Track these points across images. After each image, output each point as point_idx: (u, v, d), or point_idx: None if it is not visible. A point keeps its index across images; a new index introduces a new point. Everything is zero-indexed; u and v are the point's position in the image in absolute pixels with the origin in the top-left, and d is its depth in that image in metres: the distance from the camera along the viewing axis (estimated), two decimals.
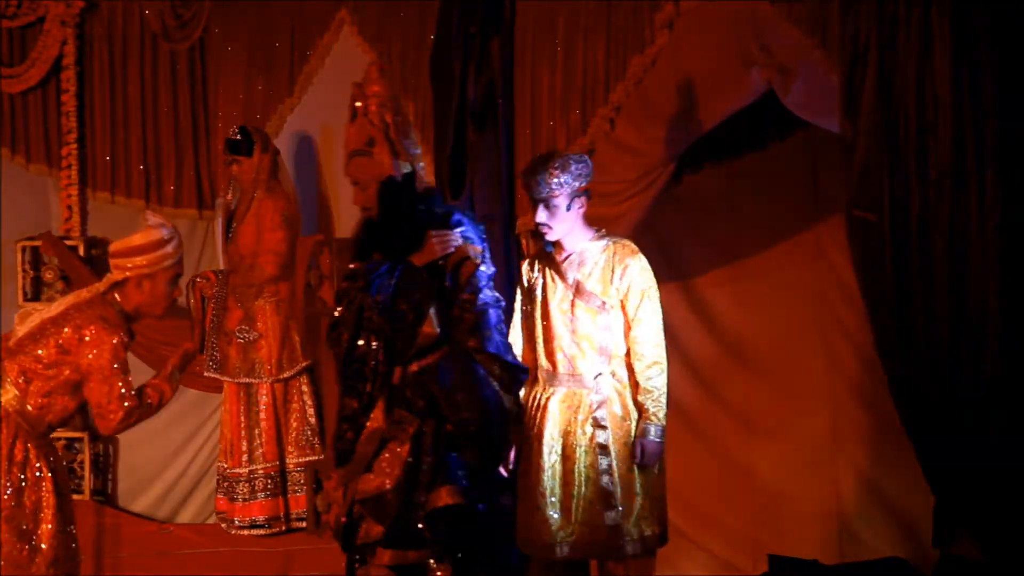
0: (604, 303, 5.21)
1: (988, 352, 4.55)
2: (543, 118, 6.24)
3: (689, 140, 5.87)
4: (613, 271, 5.22)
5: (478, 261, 5.16)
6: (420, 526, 5.07)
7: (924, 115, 4.65)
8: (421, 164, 5.24)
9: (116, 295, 5.10)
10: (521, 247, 6.41)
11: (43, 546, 4.96)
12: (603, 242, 5.28)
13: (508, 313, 5.53)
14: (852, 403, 6.38)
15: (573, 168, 5.16)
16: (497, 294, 5.27)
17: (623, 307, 5.24)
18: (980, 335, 4.55)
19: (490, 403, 5.11)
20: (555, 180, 5.14)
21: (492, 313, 5.21)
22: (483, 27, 6.74)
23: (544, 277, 5.35)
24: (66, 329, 4.98)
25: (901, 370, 4.75)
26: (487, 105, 6.75)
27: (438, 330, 5.02)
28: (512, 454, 5.34)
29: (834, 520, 6.38)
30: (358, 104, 5.23)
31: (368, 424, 5.14)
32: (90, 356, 4.94)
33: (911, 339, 4.70)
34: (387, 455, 5.14)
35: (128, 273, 5.07)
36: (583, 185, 5.19)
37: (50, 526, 4.99)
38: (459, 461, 5.12)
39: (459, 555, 5.11)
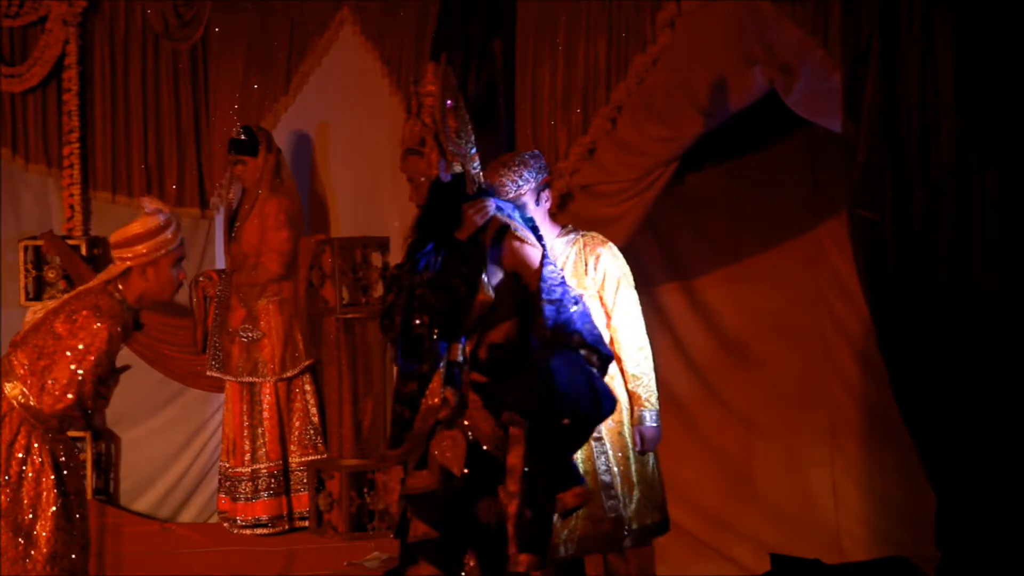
0: (580, 295, 5.22)
1: (991, 351, 4.54)
2: (544, 117, 6.24)
3: (690, 140, 5.87)
4: (586, 263, 5.27)
5: (518, 232, 5.16)
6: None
7: (926, 114, 4.64)
8: (475, 164, 5.22)
9: (119, 285, 5.10)
10: None
11: (41, 543, 4.96)
12: (571, 236, 5.34)
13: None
14: (850, 402, 6.39)
15: (532, 163, 5.25)
16: (575, 293, 5.25)
17: (600, 298, 5.27)
18: (983, 334, 4.55)
19: (604, 396, 5.12)
20: (521, 177, 5.21)
21: (581, 305, 5.13)
22: (485, 26, 6.74)
23: None
24: (61, 317, 4.99)
25: (903, 369, 4.75)
26: (487, 104, 6.76)
27: (492, 295, 5.03)
28: None
29: (833, 519, 6.39)
30: (412, 104, 5.25)
31: (424, 402, 5.14)
32: (75, 340, 4.95)
33: (913, 338, 4.70)
34: (436, 452, 5.14)
35: (130, 263, 5.07)
36: (544, 178, 5.27)
37: (50, 523, 4.98)
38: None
39: None
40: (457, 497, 5.05)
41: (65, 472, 5.05)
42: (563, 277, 5.17)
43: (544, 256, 5.15)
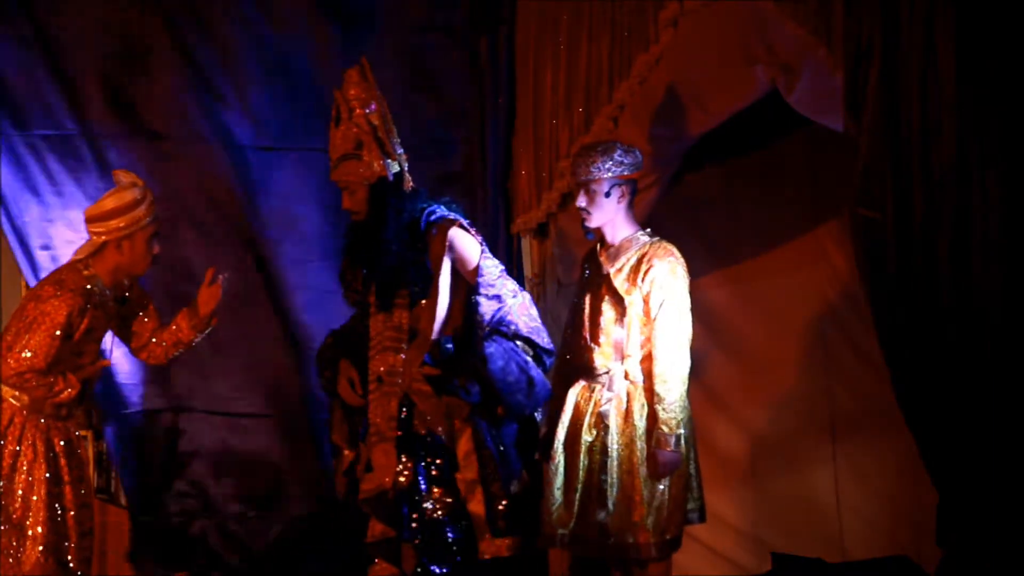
0: (623, 299, 5.21)
1: (992, 351, 4.55)
2: (545, 116, 6.25)
3: (692, 139, 5.89)
4: (640, 269, 5.20)
5: (460, 221, 5.30)
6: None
7: (927, 114, 4.64)
8: (407, 164, 5.30)
9: (89, 262, 5.11)
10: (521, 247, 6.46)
11: (35, 534, 4.96)
12: (642, 240, 5.27)
13: None
14: (851, 401, 6.40)
15: (617, 155, 5.19)
16: (514, 286, 5.37)
17: (646, 310, 5.21)
18: (983, 334, 4.56)
19: (538, 384, 5.20)
20: (595, 164, 5.17)
21: (519, 298, 5.32)
22: (471, 24, 6.76)
23: (587, 273, 5.38)
24: (31, 296, 5.04)
25: (904, 368, 4.76)
26: (472, 105, 6.79)
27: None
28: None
29: (835, 518, 6.40)
30: (341, 109, 5.29)
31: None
32: (35, 312, 4.98)
33: (914, 337, 4.71)
34: (381, 455, 5.22)
35: (105, 237, 5.08)
36: (626, 174, 5.21)
37: (42, 514, 4.98)
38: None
39: None
40: (414, 494, 5.23)
41: (62, 461, 5.05)
42: (502, 269, 5.30)
43: (482, 250, 5.25)
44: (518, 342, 5.30)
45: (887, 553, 6.06)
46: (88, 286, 5.04)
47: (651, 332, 5.16)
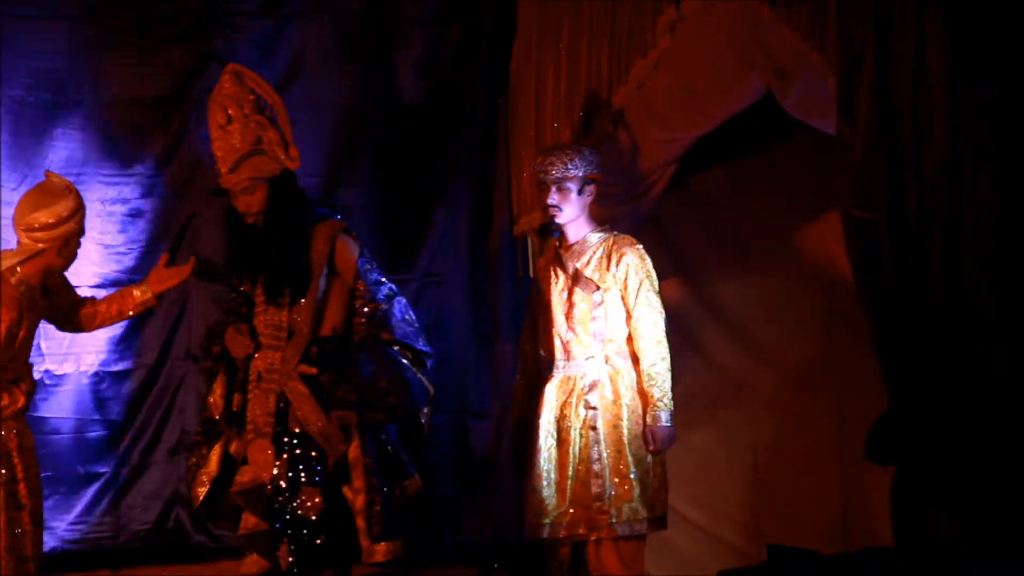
0: (599, 287, 5.36)
1: (983, 349, 4.60)
2: (547, 120, 6.30)
3: (690, 141, 5.95)
4: (610, 259, 5.40)
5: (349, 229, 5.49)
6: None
7: (919, 116, 4.68)
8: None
9: (16, 268, 5.11)
10: (527, 248, 6.50)
11: None
12: (604, 234, 5.48)
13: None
14: (857, 394, 6.39)
15: (587, 154, 5.44)
16: (391, 284, 5.54)
17: (623, 297, 5.38)
18: (975, 333, 4.59)
19: (414, 386, 5.38)
20: (572, 162, 5.37)
21: (396, 304, 5.48)
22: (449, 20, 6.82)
23: (548, 274, 5.49)
24: None
25: (898, 368, 4.81)
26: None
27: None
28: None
29: (838, 511, 6.43)
30: (231, 112, 5.34)
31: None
32: None
33: (907, 336, 4.75)
34: (258, 451, 5.39)
35: (44, 245, 5.11)
36: (593, 173, 5.43)
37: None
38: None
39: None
40: (282, 490, 5.32)
41: (16, 456, 5.09)
42: (380, 273, 5.46)
43: (362, 253, 5.34)
44: (395, 346, 5.42)
45: (889, 544, 6.09)
46: (18, 295, 5.08)
47: (629, 314, 5.38)
